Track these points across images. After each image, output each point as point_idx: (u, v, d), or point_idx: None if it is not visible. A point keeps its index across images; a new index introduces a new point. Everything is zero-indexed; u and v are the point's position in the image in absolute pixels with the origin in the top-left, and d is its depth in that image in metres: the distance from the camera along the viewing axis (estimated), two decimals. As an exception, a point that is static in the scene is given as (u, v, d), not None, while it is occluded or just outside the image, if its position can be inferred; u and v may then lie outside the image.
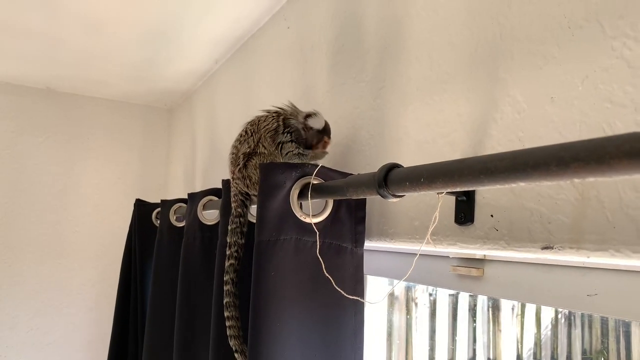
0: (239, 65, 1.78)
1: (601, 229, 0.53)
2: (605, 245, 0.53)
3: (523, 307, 1.48)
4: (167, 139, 2.78)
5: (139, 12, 1.57)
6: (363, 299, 0.88)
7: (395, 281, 0.85)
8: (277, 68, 1.44)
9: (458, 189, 0.52)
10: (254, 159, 0.98)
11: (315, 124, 0.99)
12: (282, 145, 0.97)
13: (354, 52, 1.06)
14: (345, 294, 0.81)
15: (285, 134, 0.98)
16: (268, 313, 0.81)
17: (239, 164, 1.00)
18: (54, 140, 2.48)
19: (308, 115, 0.99)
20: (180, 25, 1.66)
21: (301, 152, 0.97)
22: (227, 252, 1.02)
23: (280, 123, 0.99)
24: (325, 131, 1.00)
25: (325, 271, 0.81)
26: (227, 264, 1.01)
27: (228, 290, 1.00)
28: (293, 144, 0.97)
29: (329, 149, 1.02)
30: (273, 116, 1.01)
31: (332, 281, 0.80)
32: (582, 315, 1.27)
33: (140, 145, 2.70)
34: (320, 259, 0.82)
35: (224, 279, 1.01)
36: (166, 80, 2.29)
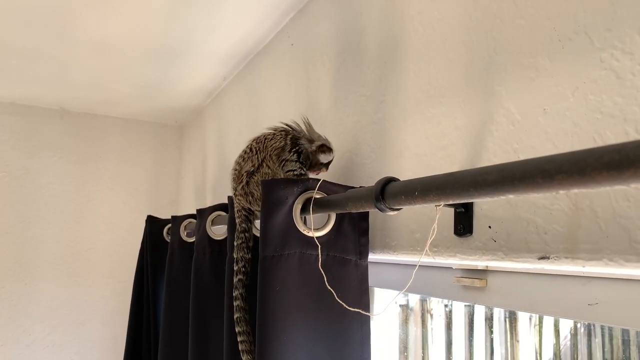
0: (246, 82, 1.82)
1: (595, 238, 0.54)
2: (599, 255, 0.53)
3: (541, 317, 1.46)
4: (178, 155, 2.82)
5: (147, 32, 1.62)
6: (368, 310, 0.89)
7: (397, 293, 0.86)
8: (282, 84, 1.47)
9: (450, 202, 0.53)
10: (256, 176, 1.00)
11: (324, 159, 1.00)
12: (285, 163, 0.98)
13: (355, 68, 1.08)
14: (347, 307, 0.81)
15: (292, 153, 0.98)
16: (275, 327, 0.82)
17: (241, 182, 1.02)
18: (68, 160, 2.54)
19: (322, 148, 0.99)
20: (188, 44, 1.70)
21: (303, 173, 0.98)
22: (235, 268, 1.03)
23: (288, 142, 0.99)
24: (327, 165, 1.01)
25: (327, 284, 0.82)
26: (235, 279, 1.03)
27: (238, 305, 1.01)
28: (297, 163, 0.98)
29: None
30: (281, 134, 1.01)
31: (335, 294, 0.81)
32: (602, 325, 1.25)
33: (152, 162, 2.75)
34: (323, 272, 0.83)
35: (234, 294, 1.02)
36: (176, 98, 2.33)
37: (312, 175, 1.02)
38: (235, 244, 1.04)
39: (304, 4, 1.36)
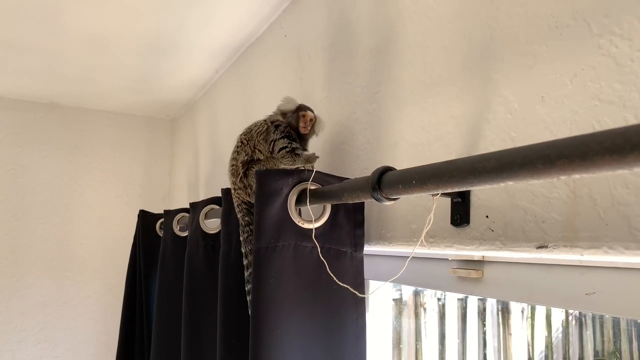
0: (239, 75, 1.80)
1: (594, 226, 0.53)
2: (598, 243, 0.53)
3: (533, 309, 1.46)
4: (170, 149, 2.80)
5: (138, 25, 1.59)
6: (363, 303, 0.88)
7: (391, 279, 0.85)
8: (276, 76, 1.45)
9: (449, 190, 0.52)
10: (253, 167, 0.99)
11: (287, 106, 1.01)
12: (274, 144, 0.98)
13: (349, 58, 1.07)
14: (338, 282, 0.81)
15: (276, 132, 0.99)
16: (269, 319, 0.81)
17: (239, 174, 1.01)
18: (59, 154, 2.51)
19: (297, 112, 1.00)
20: (180, 37, 1.68)
21: (294, 146, 0.97)
22: (245, 262, 1.02)
23: (269, 124, 1.01)
24: (301, 108, 1.01)
25: (327, 269, 0.81)
26: (246, 274, 1.02)
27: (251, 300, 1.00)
28: (285, 139, 0.98)
29: (318, 129, 1.02)
30: (262, 121, 1.04)
31: (327, 266, 0.81)
32: (594, 317, 1.25)
33: (143, 156, 2.72)
34: (323, 260, 0.82)
35: (246, 289, 1.01)
36: (168, 92, 2.31)
37: (310, 149, 1.03)
38: (241, 238, 1.03)
39: (297, -6, 1.34)
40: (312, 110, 1.01)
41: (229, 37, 1.67)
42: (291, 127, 1.00)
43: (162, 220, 1.73)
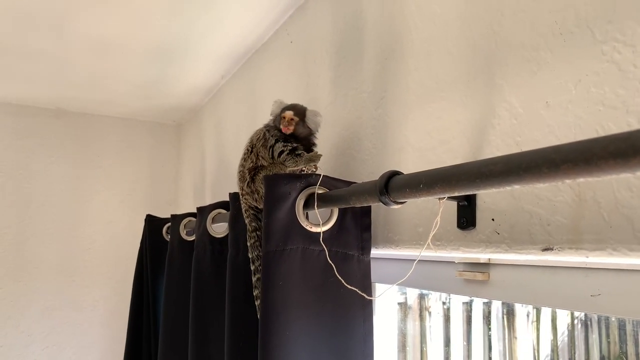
0: (245, 80, 1.82)
1: (598, 229, 0.54)
2: (603, 245, 0.54)
3: (538, 312, 1.46)
4: (176, 154, 2.82)
5: (144, 31, 1.61)
6: (371, 306, 0.89)
7: (398, 281, 0.86)
8: (282, 82, 1.47)
9: (456, 194, 0.54)
10: (260, 174, 1.01)
11: (275, 110, 1.02)
12: (273, 149, 0.99)
13: (355, 64, 1.08)
14: (346, 285, 0.82)
15: (271, 138, 1.01)
16: (277, 321, 0.82)
17: (246, 180, 1.03)
18: (65, 160, 2.53)
19: (280, 114, 1.01)
20: (186, 43, 1.70)
21: (291, 147, 0.97)
22: (252, 268, 1.03)
23: (265, 130, 1.03)
24: (283, 109, 1.00)
25: (336, 273, 0.82)
26: (254, 279, 1.03)
27: (259, 305, 1.01)
28: (281, 142, 0.98)
29: (314, 124, 1.01)
30: (261, 128, 1.05)
31: (335, 269, 0.82)
32: (599, 320, 1.25)
33: (149, 162, 2.74)
34: (330, 263, 0.83)
35: (254, 293, 1.02)
36: (174, 97, 2.33)
37: (316, 149, 1.03)
38: (248, 244, 1.05)
39: (303, 0, 1.36)
40: (292, 109, 0.99)
41: (235, 42, 1.68)
42: (278, 129, 1.01)
43: (169, 224, 1.74)
